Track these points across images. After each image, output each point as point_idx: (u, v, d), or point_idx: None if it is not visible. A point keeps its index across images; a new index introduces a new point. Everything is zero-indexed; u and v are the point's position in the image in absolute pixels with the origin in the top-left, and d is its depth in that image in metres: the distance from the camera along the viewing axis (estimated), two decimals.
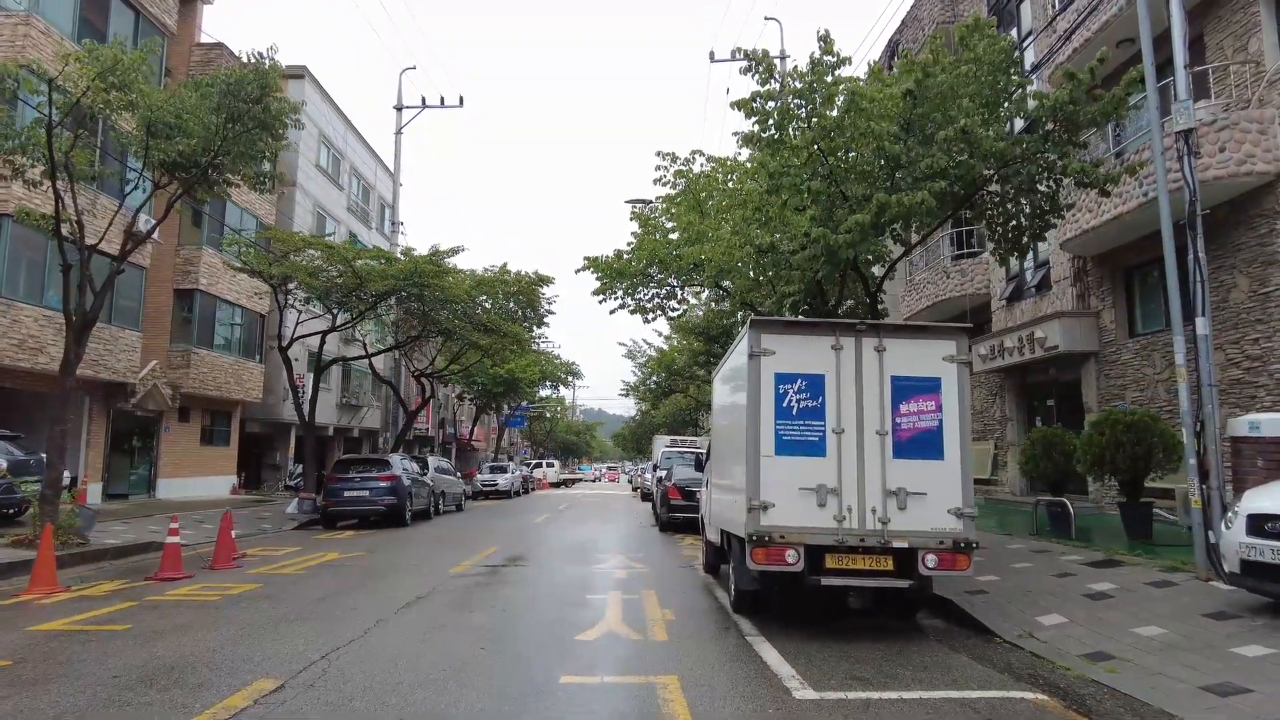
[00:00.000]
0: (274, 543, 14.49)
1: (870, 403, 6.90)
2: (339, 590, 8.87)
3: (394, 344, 25.60)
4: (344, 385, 35.60)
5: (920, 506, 6.76)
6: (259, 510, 21.32)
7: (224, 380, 25.25)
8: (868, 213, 8.69)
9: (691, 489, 16.97)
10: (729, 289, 15.34)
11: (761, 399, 6.85)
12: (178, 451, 24.10)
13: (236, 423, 27.86)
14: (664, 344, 31.45)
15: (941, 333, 7.17)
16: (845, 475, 6.78)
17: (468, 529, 18.40)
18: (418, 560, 11.92)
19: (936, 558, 6.69)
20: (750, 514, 6.72)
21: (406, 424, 27.41)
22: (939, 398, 6.93)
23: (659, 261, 13.91)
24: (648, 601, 8.28)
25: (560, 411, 76.93)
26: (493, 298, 25.67)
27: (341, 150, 35.94)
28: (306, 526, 18.90)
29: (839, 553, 6.75)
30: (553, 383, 50.86)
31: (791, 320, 7.12)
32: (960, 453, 6.85)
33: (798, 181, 8.92)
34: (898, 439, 6.87)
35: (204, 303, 24.27)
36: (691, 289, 15.45)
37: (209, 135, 12.40)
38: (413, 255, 21.32)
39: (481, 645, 6.26)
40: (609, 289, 14.72)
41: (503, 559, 12.11)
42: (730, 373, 8.18)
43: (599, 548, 14.00)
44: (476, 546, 13.83)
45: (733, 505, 7.66)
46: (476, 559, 11.98)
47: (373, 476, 18.89)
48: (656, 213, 14.66)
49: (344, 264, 19.56)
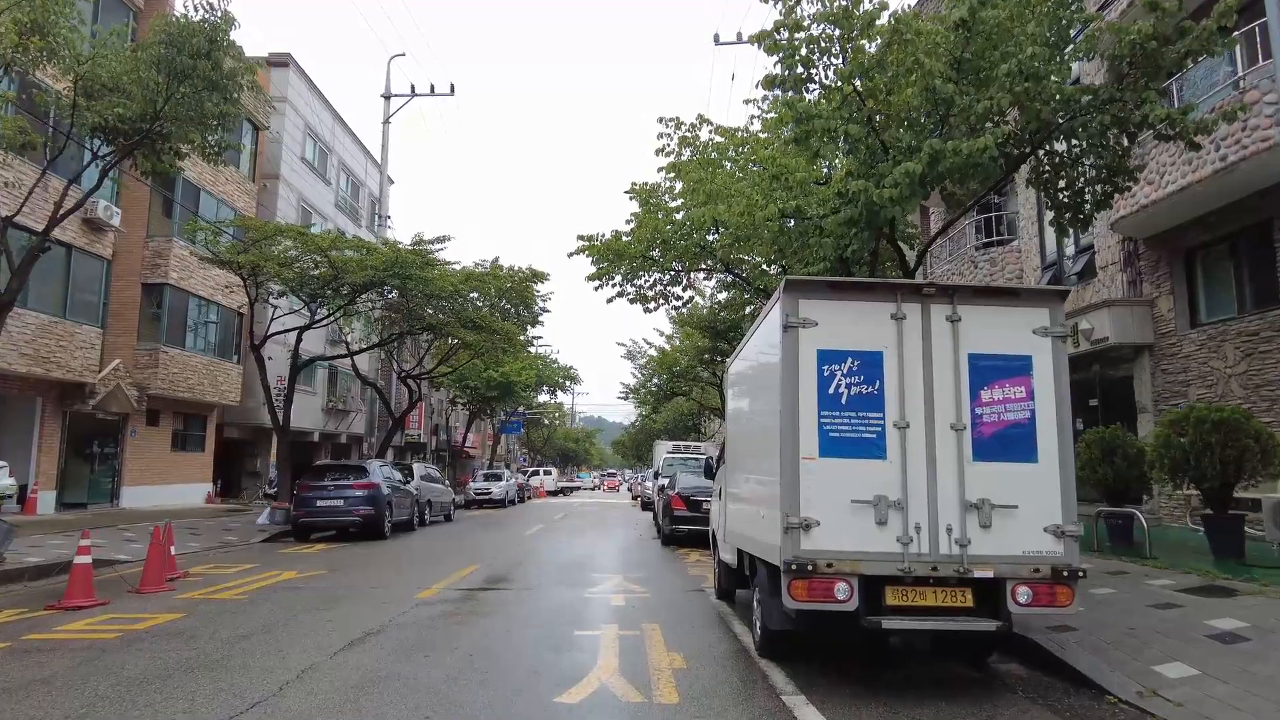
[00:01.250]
0: (230, 559, 12.87)
1: (943, 388, 5.31)
2: (274, 623, 7.26)
3: (378, 342, 23.99)
4: (330, 389, 34.01)
5: (1009, 523, 5.16)
6: (229, 521, 19.70)
7: (197, 382, 23.65)
8: (919, 162, 7.11)
9: (697, 499, 15.36)
10: (742, 275, 13.72)
11: (800, 385, 5.25)
12: (145, 457, 22.47)
13: (213, 427, 26.25)
14: (665, 344, 29.83)
15: (1032, 297, 5.56)
16: (912, 483, 5.18)
17: (451, 542, 16.77)
18: (384, 581, 10.31)
19: (1030, 591, 5.08)
20: (787, 535, 5.12)
21: (392, 429, 25.81)
22: (1030, 381, 5.33)
23: (661, 243, 12.31)
24: (651, 641, 6.66)
25: (559, 418, 75.26)
26: (484, 294, 24.12)
27: (329, 144, 34.44)
28: (277, 539, 17.28)
29: (904, 585, 5.15)
30: (550, 388, 49.26)
31: (838, 281, 5.54)
32: (1059, 453, 5.25)
33: (831, 125, 7.34)
34: (979, 435, 5.27)
35: (175, 298, 22.68)
36: (698, 273, 13.82)
37: (150, 95, 10.86)
38: (394, 245, 19.73)
39: (427, 715, 4.64)
40: (606, 274, 13.11)
41: (482, 580, 10.49)
42: (755, 353, 6.56)
43: (594, 565, 12.38)
44: (456, 564, 12.21)
45: (759, 522, 6.05)
46: (451, 580, 10.36)
47: (348, 485, 17.29)
48: (660, 191, 13.09)
49: (319, 254, 17.98)
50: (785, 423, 5.23)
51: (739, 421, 7.66)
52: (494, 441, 50.10)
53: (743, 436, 7.33)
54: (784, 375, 5.28)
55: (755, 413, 6.58)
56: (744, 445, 7.20)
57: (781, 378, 5.30)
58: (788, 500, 5.13)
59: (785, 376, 5.27)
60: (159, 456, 23.13)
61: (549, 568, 12.04)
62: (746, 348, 7.14)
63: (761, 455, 6.10)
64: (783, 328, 5.33)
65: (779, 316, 5.41)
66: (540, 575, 11.11)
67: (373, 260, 18.20)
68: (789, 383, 5.26)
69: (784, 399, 5.26)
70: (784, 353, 5.31)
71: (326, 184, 33.75)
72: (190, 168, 22.99)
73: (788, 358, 5.29)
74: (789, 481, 5.15)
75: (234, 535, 16.99)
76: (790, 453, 5.19)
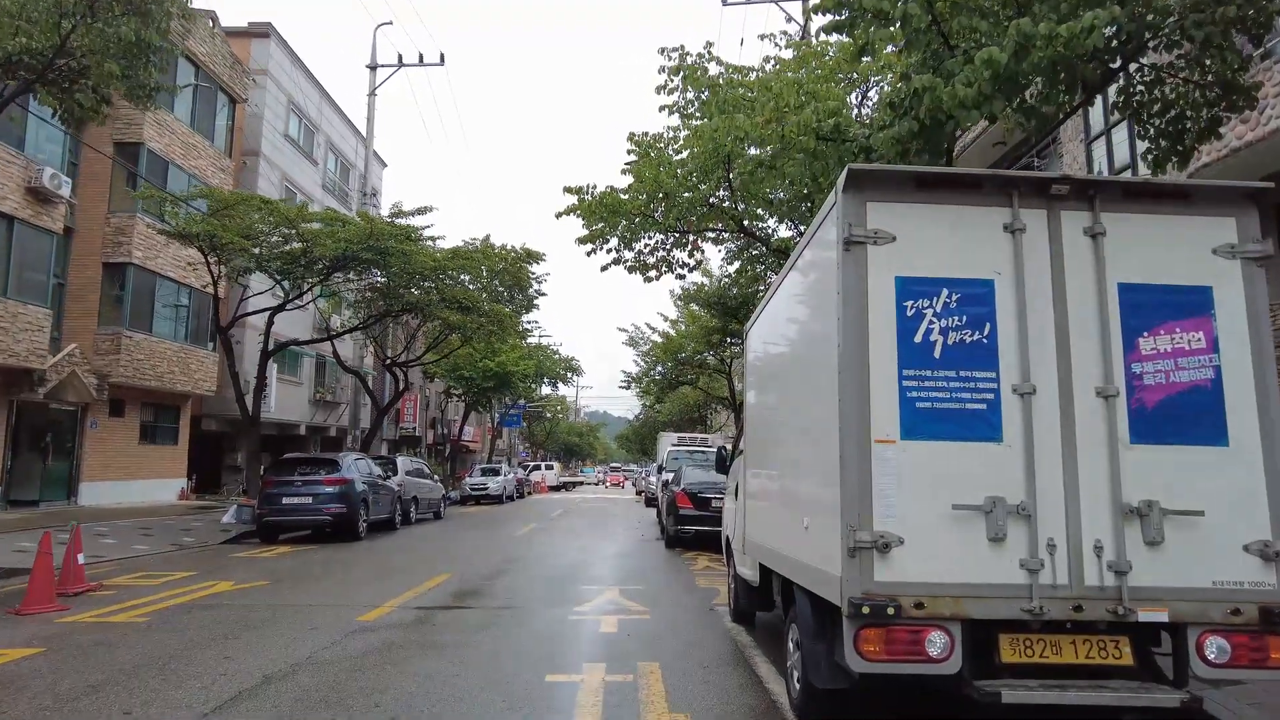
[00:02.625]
0: (172, 565, 11.17)
1: (1083, 336, 3.54)
2: (153, 662, 5.52)
3: (358, 324, 22.24)
4: (318, 379, 32.35)
5: (1190, 539, 3.39)
6: (195, 519, 18.04)
7: (166, 370, 21.96)
8: (1005, 50, 5.31)
9: (705, 495, 13.61)
10: (758, 236, 11.80)
11: (872, 331, 3.49)
12: (108, 451, 20.80)
13: (187, 419, 24.58)
14: (669, 329, 27.97)
15: (1212, 200, 3.75)
16: (1042, 478, 3.41)
17: (432, 544, 15.06)
18: (330, 596, 8.58)
19: (1227, 643, 3.32)
20: (854, 560, 3.35)
21: (377, 420, 24.12)
22: (1211, 324, 3.56)
23: (664, 197, 10.48)
24: (648, 693, 4.90)
25: (561, 411, 73.59)
26: (474, 275, 22.35)
27: (315, 122, 32.68)
28: (241, 540, 15.60)
29: (1029, 634, 3.38)
30: (551, 379, 47.54)
31: (928, 173, 3.74)
32: (1263, 431, 3.48)
33: (885, 6, 5.53)
34: (1138, 404, 3.50)
35: (140, 279, 20.96)
36: (705, 235, 11.94)
37: (54, 19, 9.12)
38: (369, 216, 17.96)
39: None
40: (600, 236, 11.30)
41: (449, 594, 8.75)
42: (794, 297, 4.79)
43: (586, 574, 10.64)
44: (426, 572, 10.49)
45: (800, 535, 4.27)
46: (412, 594, 8.62)
47: (318, 480, 15.57)
48: (663, 142, 11.27)
49: (287, 224, 16.23)
50: (848, 388, 3.46)
51: (767, 396, 5.87)
52: (493, 435, 48.40)
53: (773, 415, 5.54)
54: (846, 316, 3.50)
55: (795, 380, 4.78)
56: (776, 427, 5.40)
57: (841, 320, 3.52)
58: (854, 506, 3.36)
59: (848, 318, 3.50)
60: (124, 450, 21.45)
61: (533, 577, 10.30)
62: (778, 295, 5.35)
63: (804, 438, 4.34)
64: (843, 244, 3.55)
65: (836, 229, 3.62)
66: (521, 588, 9.36)
67: (346, 233, 16.43)
68: (854, 328, 3.48)
69: (846, 351, 3.48)
70: (846, 283, 3.53)
71: (313, 164, 32.00)
72: (157, 138, 21.37)
73: (852, 290, 3.52)
74: (856, 477, 3.38)
75: (193, 536, 15.32)
76: (856, 433, 3.42)
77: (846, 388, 3.45)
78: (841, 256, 3.53)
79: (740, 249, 14.28)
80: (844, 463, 3.41)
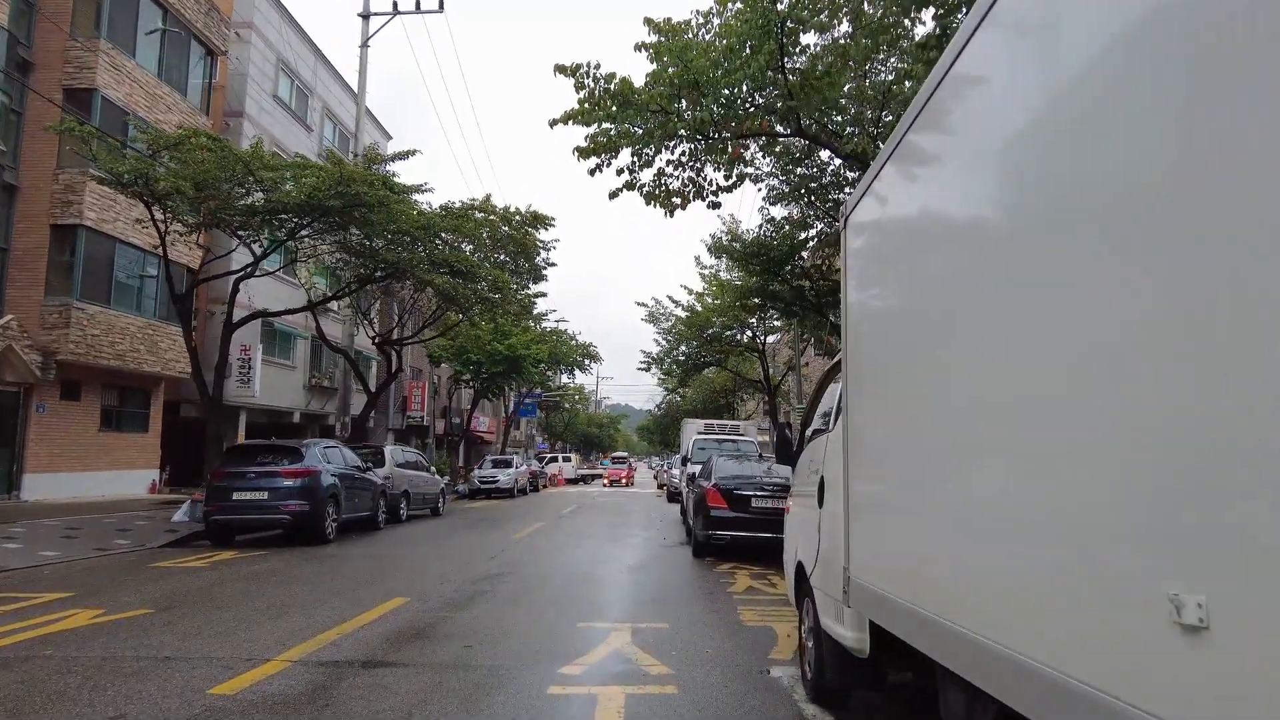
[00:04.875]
0: (58, 580, 8.65)
1: None
2: None
3: (337, 293, 19.63)
4: (313, 362, 29.96)
5: None
6: (145, 517, 15.58)
7: (129, 348, 19.56)
8: None
9: (744, 493, 10.85)
10: (828, 140, 8.70)
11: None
12: (60, 439, 18.43)
13: (160, 404, 22.22)
14: (695, 303, 24.90)
15: None
16: None
17: (409, 551, 12.43)
18: (208, 641, 5.91)
19: None
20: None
21: (368, 406, 21.58)
22: None
23: (692, 85, 7.53)
24: None
25: (580, 401, 71.00)
26: (472, 238, 19.65)
27: (309, 85, 30.19)
28: (189, 542, 13.12)
29: None
30: (567, 366, 44.92)
31: None
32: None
33: None
34: None
35: (94, 244, 18.52)
36: (752, 140, 8.96)
37: None
38: (339, 159, 15.30)
39: None
40: (607, 148, 8.43)
41: (386, 637, 6.05)
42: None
43: (589, 600, 7.92)
44: (377, 594, 7.83)
45: (1051, 594, 1.49)
46: (331, 635, 5.95)
47: (275, 472, 13.02)
48: (692, 28, 8.42)
49: (241, 167, 13.61)
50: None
51: (937, 309, 2.89)
52: (506, 425, 45.88)
53: (960, 349, 2.63)
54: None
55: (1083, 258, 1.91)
56: (969, 371, 2.48)
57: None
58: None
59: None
60: (80, 438, 19.07)
61: (517, 604, 7.58)
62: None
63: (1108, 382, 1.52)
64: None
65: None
66: (492, 625, 6.63)
67: (310, 177, 13.76)
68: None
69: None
70: None
71: (306, 129, 29.50)
72: (114, 85, 18.86)
73: None
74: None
75: (129, 538, 12.82)
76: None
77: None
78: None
79: (801, 153, 10.75)
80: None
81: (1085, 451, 1.69)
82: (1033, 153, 1.99)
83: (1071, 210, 1.78)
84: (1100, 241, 1.67)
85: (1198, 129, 1.39)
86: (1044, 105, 1.94)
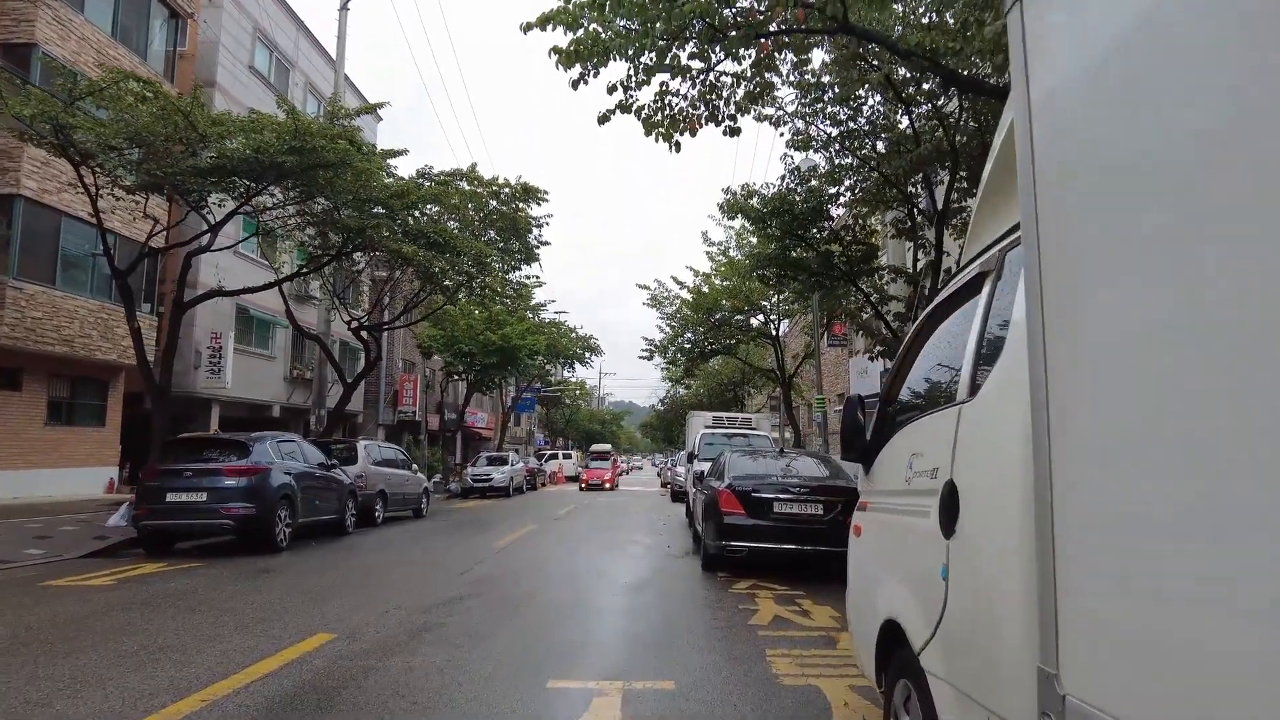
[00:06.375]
0: None
1: None
2: None
3: (299, 270, 17.75)
4: (294, 353, 28.14)
5: None
6: (79, 521, 13.80)
7: (79, 333, 17.76)
8: None
9: (764, 495, 9.00)
10: (884, 43, 6.73)
11: None
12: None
13: (118, 395, 20.41)
14: (700, 284, 22.84)
15: None
16: None
17: (367, 561, 10.60)
18: (37, 704, 4.07)
19: None
20: None
21: (344, 396, 19.77)
22: None
23: None
24: None
25: (581, 396, 69.17)
26: (461, 217, 17.84)
27: (290, 57, 28.39)
28: (118, 550, 11.37)
29: None
30: (566, 359, 43.10)
31: None
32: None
33: None
34: None
35: (33, 217, 16.69)
36: (781, 36, 6.99)
37: None
38: (296, 111, 13.43)
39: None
40: (594, 55, 6.49)
41: (262, 708, 4.20)
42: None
43: (571, 639, 6.04)
44: (289, 631, 5.99)
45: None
46: (192, 705, 4.09)
47: (216, 470, 11.22)
48: None
49: (181, 119, 11.75)
50: None
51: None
52: (503, 420, 44.03)
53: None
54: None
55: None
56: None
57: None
58: None
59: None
60: (23, 432, 17.28)
61: (472, 646, 5.70)
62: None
63: None
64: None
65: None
66: (430, 684, 4.76)
67: (260, 132, 11.87)
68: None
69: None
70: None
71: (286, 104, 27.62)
72: (58, 41, 17.02)
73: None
74: None
75: (46, 547, 11.05)
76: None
77: None
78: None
79: (846, 55, 8.35)
80: None
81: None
82: None
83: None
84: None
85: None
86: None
